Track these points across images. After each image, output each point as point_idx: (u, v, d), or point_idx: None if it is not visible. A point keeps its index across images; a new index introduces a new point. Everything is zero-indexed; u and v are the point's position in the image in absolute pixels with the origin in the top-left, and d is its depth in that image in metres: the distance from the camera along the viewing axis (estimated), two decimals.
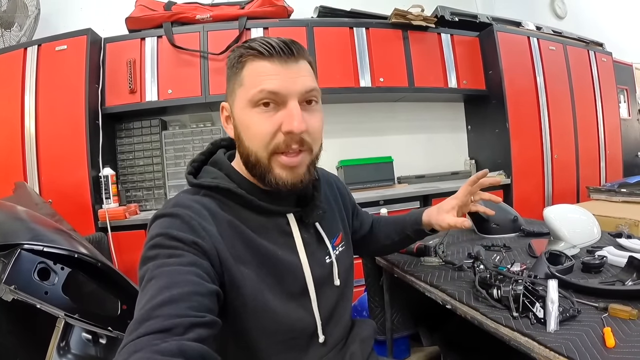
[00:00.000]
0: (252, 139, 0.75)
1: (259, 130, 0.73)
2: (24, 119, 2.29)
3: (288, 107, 0.72)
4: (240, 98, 0.76)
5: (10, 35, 2.51)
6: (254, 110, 0.73)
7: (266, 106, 0.73)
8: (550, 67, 3.22)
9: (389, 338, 1.51)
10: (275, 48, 0.72)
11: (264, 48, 0.72)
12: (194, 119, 2.87)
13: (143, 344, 0.50)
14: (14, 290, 0.99)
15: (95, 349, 1.09)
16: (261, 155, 0.74)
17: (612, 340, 0.67)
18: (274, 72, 0.72)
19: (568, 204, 1.44)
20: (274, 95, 0.72)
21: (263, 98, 0.72)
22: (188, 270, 0.62)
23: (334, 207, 1.00)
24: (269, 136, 0.73)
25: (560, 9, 4.34)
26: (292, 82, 0.72)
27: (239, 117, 0.77)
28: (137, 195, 2.63)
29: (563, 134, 3.25)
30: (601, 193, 2.33)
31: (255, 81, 0.73)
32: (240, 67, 0.75)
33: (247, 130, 0.75)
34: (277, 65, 0.72)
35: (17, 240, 1.11)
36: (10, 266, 1.03)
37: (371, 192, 2.72)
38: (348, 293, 0.95)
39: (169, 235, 0.66)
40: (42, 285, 1.08)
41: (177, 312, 0.55)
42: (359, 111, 3.24)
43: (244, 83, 0.74)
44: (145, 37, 2.54)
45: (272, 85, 0.71)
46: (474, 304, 0.91)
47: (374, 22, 2.90)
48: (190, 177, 0.82)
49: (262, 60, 0.73)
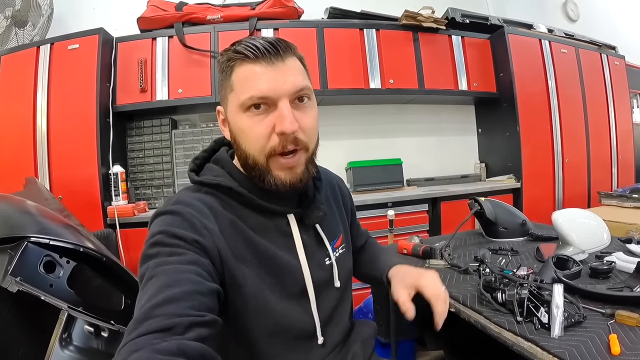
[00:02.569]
0: (248, 143, 0.75)
1: (253, 133, 0.73)
2: (36, 116, 2.32)
3: (279, 108, 0.72)
4: (232, 103, 0.76)
5: (24, 34, 2.55)
6: (246, 115, 0.73)
7: (257, 109, 0.72)
8: (562, 70, 3.19)
9: (393, 341, 1.50)
10: (260, 49, 0.71)
11: (250, 51, 0.72)
12: (204, 118, 2.89)
13: (143, 343, 0.50)
14: (20, 281, 1.00)
15: (97, 342, 1.10)
16: (258, 157, 0.74)
17: (618, 348, 0.66)
18: (261, 75, 0.71)
19: (577, 209, 1.42)
20: (263, 99, 0.72)
21: (253, 103, 0.72)
22: (188, 268, 0.62)
23: (335, 208, 0.99)
24: (263, 139, 0.73)
25: (572, 12, 4.28)
26: (280, 83, 0.72)
27: (233, 122, 0.77)
28: (147, 193, 2.65)
29: (574, 138, 3.21)
30: (612, 198, 2.30)
31: (244, 86, 0.72)
32: (229, 71, 0.75)
33: (242, 134, 0.75)
34: (264, 67, 0.72)
35: (24, 233, 1.12)
36: (16, 258, 1.04)
37: (380, 194, 2.71)
38: (348, 295, 0.95)
39: (170, 233, 0.66)
40: (48, 277, 1.09)
41: (177, 311, 0.55)
42: (368, 113, 3.23)
43: (234, 88, 0.75)
44: (157, 37, 2.56)
45: (261, 89, 0.71)
46: (478, 307, 0.90)
47: (384, 24, 2.89)
48: (192, 175, 0.82)
49: (249, 64, 0.72)
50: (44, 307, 1.04)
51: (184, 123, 2.87)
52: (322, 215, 0.86)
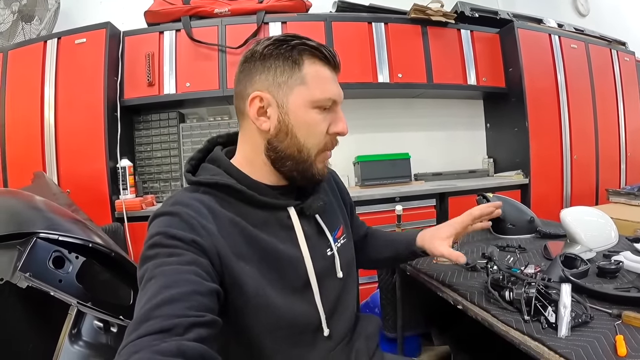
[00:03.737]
0: (309, 137, 0.79)
1: (318, 129, 0.79)
2: (43, 111, 2.33)
3: (338, 112, 0.82)
4: (299, 95, 0.77)
5: (31, 28, 2.56)
6: (314, 111, 0.78)
7: (324, 109, 0.79)
8: (572, 65, 3.15)
9: (399, 336, 1.51)
10: (331, 54, 0.79)
11: (324, 50, 0.78)
12: (212, 112, 2.89)
13: (143, 344, 0.51)
14: (29, 277, 1.01)
15: (106, 337, 1.11)
16: (313, 151, 0.80)
17: (624, 349, 0.66)
18: (333, 81, 0.81)
19: (586, 206, 1.40)
20: (333, 103, 0.80)
21: (328, 104, 0.79)
22: (187, 269, 0.62)
23: (333, 200, 1.00)
24: (322, 135, 0.80)
25: (582, 7, 4.23)
26: (341, 92, 0.82)
27: (297, 114, 0.78)
28: (154, 187, 2.67)
29: (583, 134, 3.19)
30: (620, 196, 2.27)
31: (321, 86, 0.78)
32: (300, 62, 0.77)
33: (306, 127, 0.78)
34: (332, 73, 0.81)
35: (33, 229, 1.12)
36: (25, 254, 1.04)
37: (387, 189, 2.71)
38: (351, 285, 0.95)
39: (168, 234, 0.66)
40: (57, 273, 1.10)
41: (176, 312, 0.55)
42: (376, 107, 3.22)
43: (306, 82, 0.77)
44: (164, 31, 2.56)
45: (337, 94, 0.81)
46: (485, 305, 0.90)
47: (392, 17, 2.87)
48: (189, 175, 0.82)
49: (321, 64, 0.79)
50: (54, 303, 1.04)
51: (191, 117, 2.88)
52: (323, 205, 0.87)
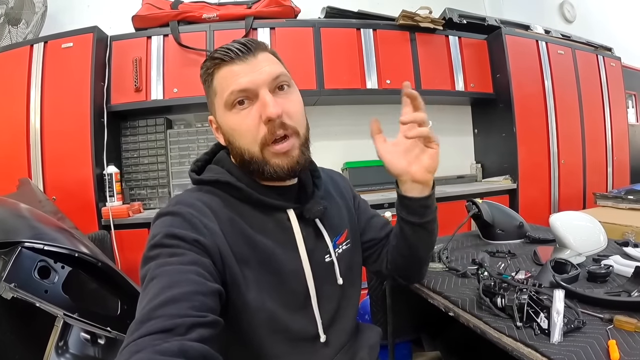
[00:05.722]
0: (240, 138, 0.77)
1: (243, 128, 0.76)
2: (29, 116, 2.29)
3: (260, 97, 0.75)
4: (218, 106, 0.79)
5: (17, 31, 2.51)
6: (232, 112, 0.77)
7: (241, 104, 0.76)
8: (559, 71, 3.20)
9: (390, 342, 1.50)
10: (233, 51, 0.76)
11: (224, 54, 0.76)
12: (199, 118, 2.87)
13: (144, 344, 0.51)
14: (14, 288, 0.99)
15: (94, 349, 1.09)
16: (253, 150, 0.77)
17: (617, 354, 0.66)
18: (239, 72, 0.75)
19: (574, 211, 1.42)
20: (244, 93, 0.75)
21: (236, 98, 0.75)
22: (189, 269, 0.62)
23: (340, 202, 0.99)
24: (253, 130, 0.75)
25: (569, 13, 4.30)
26: (257, 75, 0.75)
27: (223, 123, 0.80)
28: (141, 194, 2.63)
29: (570, 139, 3.23)
30: (608, 199, 2.30)
31: (224, 86, 0.77)
32: (211, 79, 0.80)
33: (233, 132, 0.78)
34: (240, 65, 0.76)
35: (18, 238, 1.11)
36: (10, 264, 1.03)
37: (376, 195, 2.70)
38: (352, 293, 0.93)
39: (170, 234, 0.66)
40: (42, 283, 1.08)
41: (178, 312, 0.55)
42: (365, 113, 3.18)
43: (217, 91, 0.79)
44: (152, 36, 2.54)
45: (240, 83, 0.75)
46: (477, 312, 0.90)
47: (381, 24, 2.88)
48: (193, 175, 0.84)
49: (226, 66, 0.77)
50: (40, 313, 1.03)
51: (179, 123, 2.85)
52: (323, 209, 0.86)
